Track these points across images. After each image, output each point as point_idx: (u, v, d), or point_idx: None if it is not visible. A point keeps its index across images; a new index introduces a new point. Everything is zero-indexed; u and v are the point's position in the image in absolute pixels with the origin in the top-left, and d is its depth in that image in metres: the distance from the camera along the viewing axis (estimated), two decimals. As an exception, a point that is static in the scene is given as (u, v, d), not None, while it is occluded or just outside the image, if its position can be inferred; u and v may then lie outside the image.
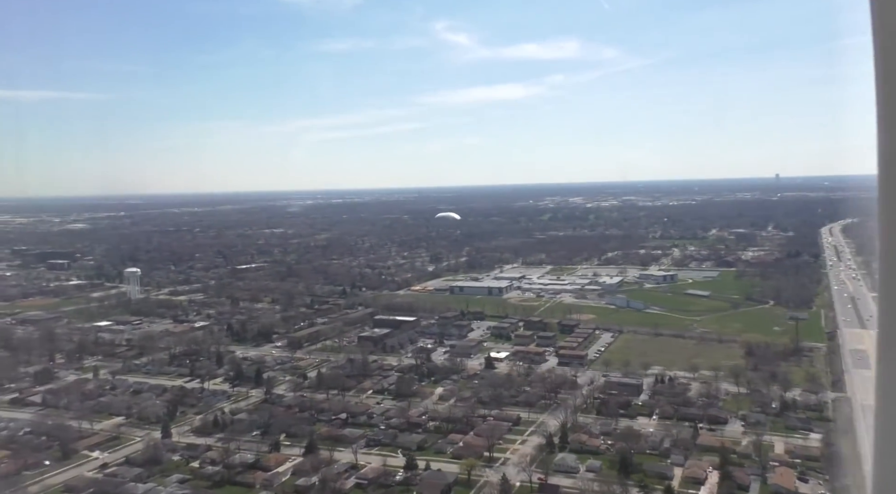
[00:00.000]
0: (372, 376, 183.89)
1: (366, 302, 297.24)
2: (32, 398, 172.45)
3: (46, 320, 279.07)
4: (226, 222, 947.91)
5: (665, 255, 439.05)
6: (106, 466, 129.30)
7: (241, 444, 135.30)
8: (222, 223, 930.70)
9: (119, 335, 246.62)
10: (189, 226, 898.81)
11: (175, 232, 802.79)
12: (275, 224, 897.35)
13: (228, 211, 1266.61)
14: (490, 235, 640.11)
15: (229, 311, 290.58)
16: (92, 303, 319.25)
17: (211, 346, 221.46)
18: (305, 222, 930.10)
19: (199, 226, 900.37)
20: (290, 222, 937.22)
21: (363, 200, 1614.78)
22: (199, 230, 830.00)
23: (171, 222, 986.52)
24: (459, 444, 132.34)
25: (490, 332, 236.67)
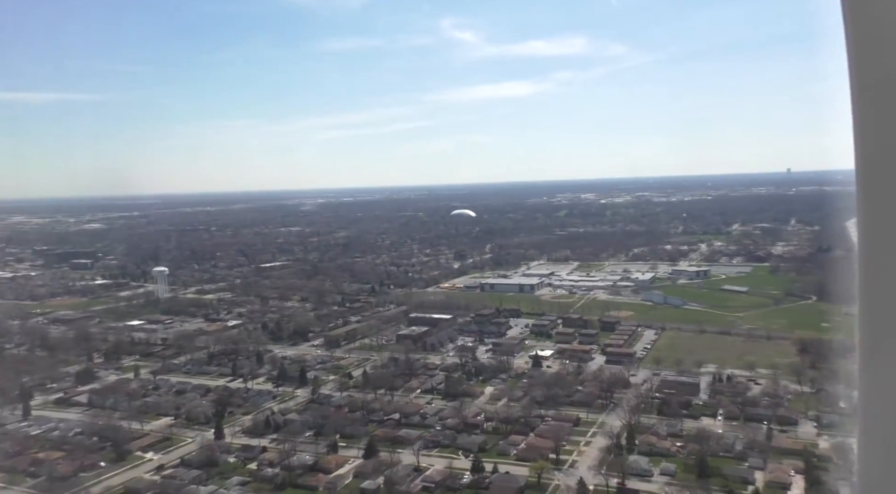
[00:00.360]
0: (417, 375, 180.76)
1: (397, 300, 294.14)
2: (77, 398, 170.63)
3: (78, 319, 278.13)
4: (241, 221, 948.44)
5: (692, 250, 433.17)
6: (162, 468, 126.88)
7: (296, 445, 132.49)
8: (238, 222, 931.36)
9: (153, 334, 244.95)
10: (205, 225, 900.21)
11: (192, 231, 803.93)
12: (290, 223, 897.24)
13: (241, 210, 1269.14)
14: (509, 232, 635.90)
15: (260, 309, 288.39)
16: (121, 302, 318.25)
17: (248, 345, 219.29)
18: (321, 220, 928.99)
19: (214, 225, 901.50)
20: (305, 220, 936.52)
21: (374, 198, 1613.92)
22: (215, 229, 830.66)
23: (187, 221, 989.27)
24: (521, 446, 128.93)
25: (529, 330, 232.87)
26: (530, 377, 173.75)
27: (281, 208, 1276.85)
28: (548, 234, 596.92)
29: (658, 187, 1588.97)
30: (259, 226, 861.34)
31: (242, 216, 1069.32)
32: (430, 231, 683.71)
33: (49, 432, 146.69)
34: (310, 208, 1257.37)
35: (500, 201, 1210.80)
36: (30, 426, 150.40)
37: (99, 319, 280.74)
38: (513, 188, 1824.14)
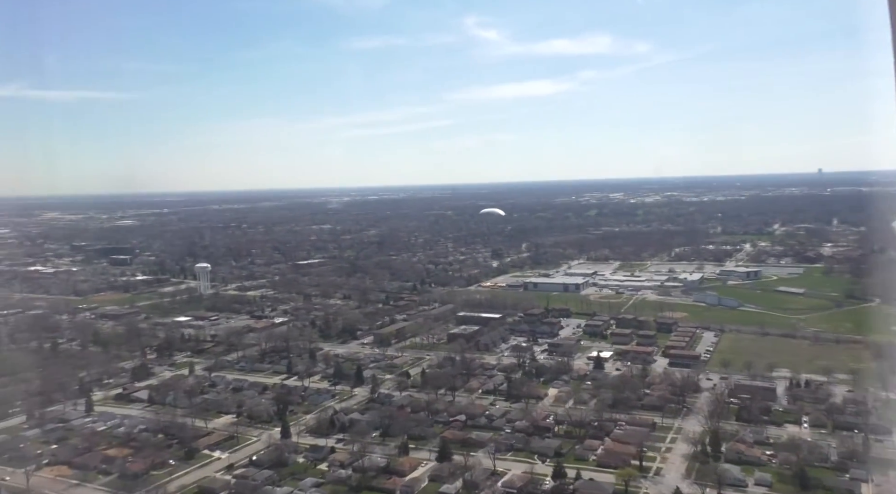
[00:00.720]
0: (476, 375, 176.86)
1: (441, 299, 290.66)
2: (137, 394, 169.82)
3: (125, 315, 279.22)
4: (271, 219, 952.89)
5: (736, 251, 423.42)
6: (232, 467, 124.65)
7: (364, 446, 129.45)
8: (268, 220, 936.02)
9: (201, 330, 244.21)
10: (236, 222, 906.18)
11: (224, 228, 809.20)
12: (320, 220, 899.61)
13: (269, 208, 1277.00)
14: (542, 230, 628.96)
15: (304, 307, 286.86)
16: (164, 299, 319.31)
17: (298, 342, 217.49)
18: (350, 218, 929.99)
19: (245, 222, 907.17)
20: (334, 218, 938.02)
21: (398, 196, 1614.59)
22: (247, 226, 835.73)
23: (217, 219, 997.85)
24: (598, 451, 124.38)
25: (582, 330, 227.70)
26: (594, 380, 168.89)
27: (308, 206, 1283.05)
28: (583, 233, 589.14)
29: (686, 187, 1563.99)
30: (290, 223, 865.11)
31: (271, 214, 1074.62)
32: (462, 229, 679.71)
33: (114, 428, 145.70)
34: (337, 206, 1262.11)
35: (526, 199, 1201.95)
36: (95, 422, 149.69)
37: (145, 315, 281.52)
38: (537, 187, 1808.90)
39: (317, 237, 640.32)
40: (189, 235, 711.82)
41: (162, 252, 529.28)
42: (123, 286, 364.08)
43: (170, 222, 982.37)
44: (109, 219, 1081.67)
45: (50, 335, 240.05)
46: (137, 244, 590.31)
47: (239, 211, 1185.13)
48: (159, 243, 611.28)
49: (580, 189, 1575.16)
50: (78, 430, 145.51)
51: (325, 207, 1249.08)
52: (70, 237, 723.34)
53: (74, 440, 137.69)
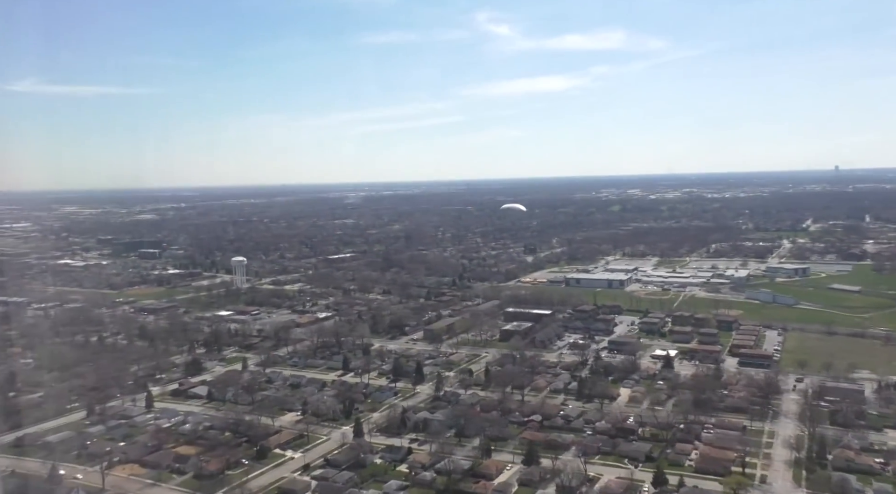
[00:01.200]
0: (540, 373, 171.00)
1: (483, 294, 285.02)
2: (194, 389, 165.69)
3: (164, 309, 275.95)
4: (291, 214, 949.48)
5: (775, 247, 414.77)
6: (308, 467, 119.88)
7: (443, 447, 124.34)
8: (288, 214, 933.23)
9: (245, 325, 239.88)
10: (256, 217, 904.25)
11: (246, 223, 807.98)
12: (341, 215, 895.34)
13: (286, 203, 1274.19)
14: (570, 226, 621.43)
15: (344, 301, 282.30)
16: (201, 292, 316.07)
17: (347, 338, 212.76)
18: (370, 213, 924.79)
19: (266, 216, 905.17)
20: (355, 213, 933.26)
21: (413, 192, 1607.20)
22: (268, 221, 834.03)
23: (236, 213, 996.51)
24: (691, 455, 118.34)
25: (638, 327, 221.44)
26: (665, 379, 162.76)
27: (325, 202, 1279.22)
28: (612, 229, 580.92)
29: (703, 184, 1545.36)
30: (311, 218, 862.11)
31: (290, 209, 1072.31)
32: (487, 224, 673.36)
33: (179, 425, 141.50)
34: (354, 201, 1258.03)
35: (543, 195, 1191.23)
36: (158, 419, 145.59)
37: (185, 309, 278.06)
38: (551, 183, 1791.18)
39: (342, 232, 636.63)
40: (212, 229, 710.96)
41: (190, 246, 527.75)
42: (157, 280, 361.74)
43: (189, 216, 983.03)
44: (128, 213, 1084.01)
45: (93, 328, 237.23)
46: (163, 238, 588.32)
47: (256, 206, 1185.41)
48: (184, 237, 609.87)
49: (595, 185, 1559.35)
50: (142, 427, 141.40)
51: (342, 202, 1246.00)
52: (94, 231, 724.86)
53: (141, 437, 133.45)
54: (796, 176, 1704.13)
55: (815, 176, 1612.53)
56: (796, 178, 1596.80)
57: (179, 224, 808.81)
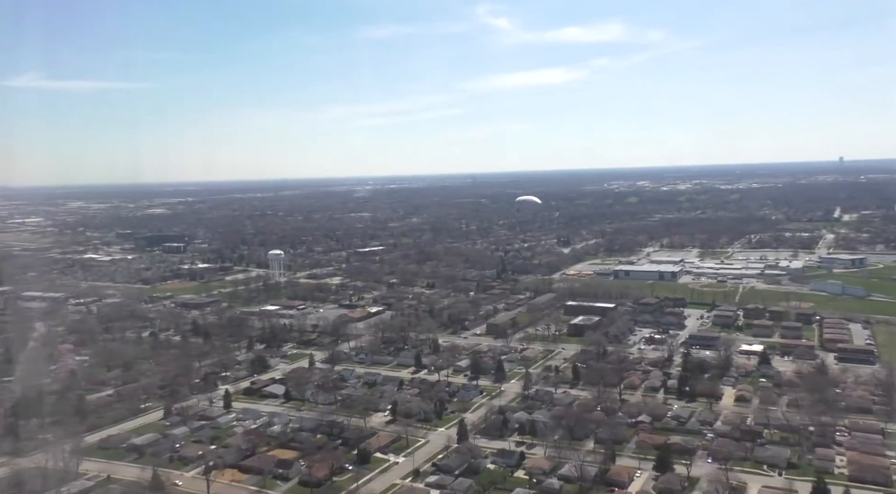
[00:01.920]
0: (628, 370, 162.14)
1: (533, 287, 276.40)
2: (268, 388, 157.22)
3: (207, 304, 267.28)
4: (303, 207, 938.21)
5: (817, 237, 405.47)
6: (419, 473, 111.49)
7: (558, 451, 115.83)
8: (301, 208, 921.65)
9: (298, 320, 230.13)
10: (271, 210, 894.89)
11: (261, 216, 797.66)
12: (355, 209, 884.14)
13: (294, 197, 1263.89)
14: (595, 218, 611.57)
15: (390, 295, 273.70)
16: (238, 287, 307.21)
17: (409, 333, 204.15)
18: (384, 206, 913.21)
19: (279, 210, 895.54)
20: (368, 206, 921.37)
21: (418, 185, 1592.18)
22: (283, 215, 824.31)
23: (247, 207, 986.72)
24: (836, 461, 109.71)
25: (710, 321, 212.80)
26: (767, 377, 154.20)
27: (334, 195, 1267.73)
28: (638, 220, 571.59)
29: (709, 176, 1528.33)
30: (326, 211, 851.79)
31: (301, 203, 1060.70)
32: (507, 217, 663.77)
33: (265, 426, 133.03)
34: (364, 195, 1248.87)
35: (553, 188, 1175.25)
36: (241, 420, 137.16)
37: (227, 303, 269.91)
38: (557, 176, 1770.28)
39: (362, 225, 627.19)
40: (230, 223, 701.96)
41: (213, 240, 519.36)
42: (189, 274, 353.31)
43: (201, 210, 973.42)
44: (137, 208, 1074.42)
45: (140, 324, 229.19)
46: (183, 233, 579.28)
47: (265, 200, 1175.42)
48: (204, 231, 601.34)
49: (600, 178, 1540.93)
50: (226, 428, 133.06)
51: (351, 196, 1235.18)
52: (109, 226, 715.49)
53: (231, 439, 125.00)
54: (800, 167, 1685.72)
55: (819, 167, 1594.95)
56: (801, 169, 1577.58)
57: (194, 218, 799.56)
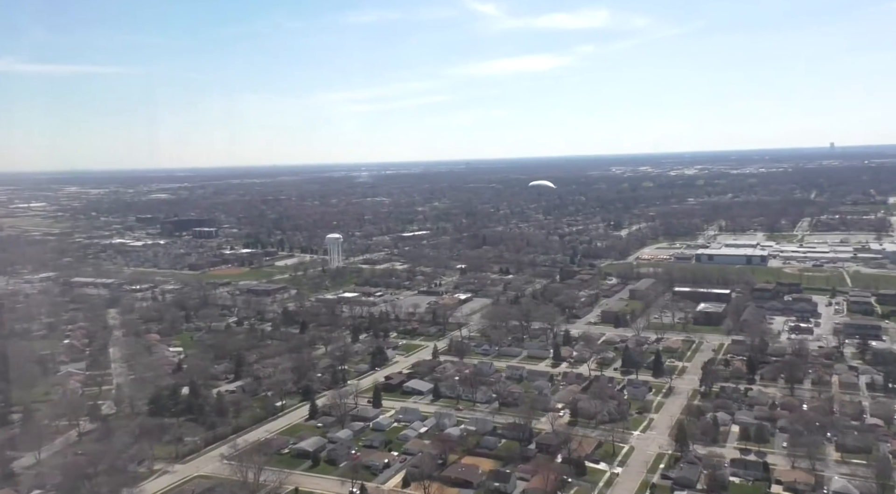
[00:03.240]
0: (812, 366, 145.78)
1: (620, 273, 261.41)
2: (409, 384, 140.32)
3: (275, 290, 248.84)
4: (311, 192, 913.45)
5: (885, 220, 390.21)
6: (654, 488, 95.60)
7: (812, 462, 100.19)
8: (310, 193, 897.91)
9: (389, 307, 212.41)
10: (284, 195, 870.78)
11: (276, 201, 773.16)
12: (370, 194, 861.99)
13: (294, 182, 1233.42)
14: (626, 201, 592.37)
15: (468, 281, 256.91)
16: (297, 272, 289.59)
17: (522, 321, 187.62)
18: (398, 191, 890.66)
19: (289, 195, 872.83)
20: (382, 191, 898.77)
21: (414, 171, 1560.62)
22: (296, 199, 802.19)
23: (253, 192, 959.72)
24: None
25: (844, 308, 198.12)
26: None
27: (334, 181, 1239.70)
28: (676, 204, 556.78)
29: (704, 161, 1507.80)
30: (339, 196, 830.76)
31: (306, 188, 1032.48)
32: (535, 201, 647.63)
33: (436, 429, 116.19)
34: (367, 181, 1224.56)
35: (552, 174, 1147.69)
36: (403, 421, 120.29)
37: (296, 289, 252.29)
38: (554, 162, 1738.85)
39: (387, 209, 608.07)
40: (246, 208, 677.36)
41: (241, 225, 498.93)
42: (236, 260, 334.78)
43: (205, 195, 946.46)
44: (137, 193, 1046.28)
45: (217, 311, 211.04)
46: (206, 217, 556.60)
47: (266, 185, 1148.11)
48: (223, 216, 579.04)
49: (594, 164, 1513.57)
50: (392, 431, 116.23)
51: (353, 181, 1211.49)
52: (121, 210, 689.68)
53: (409, 445, 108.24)
54: (793, 153, 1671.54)
55: (811, 153, 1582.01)
56: (793, 155, 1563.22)
57: (206, 203, 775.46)
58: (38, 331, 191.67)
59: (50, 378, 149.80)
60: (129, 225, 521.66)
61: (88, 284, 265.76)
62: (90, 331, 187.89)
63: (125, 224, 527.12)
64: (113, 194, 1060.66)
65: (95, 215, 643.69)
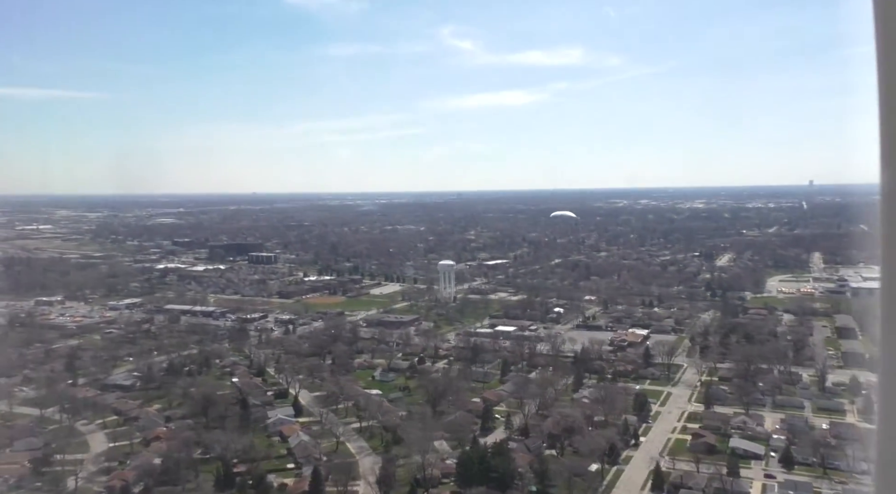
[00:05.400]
0: None
1: (789, 309, 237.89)
2: (735, 444, 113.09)
3: (406, 323, 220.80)
4: (328, 220, 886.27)
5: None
6: None
7: None
8: (331, 220, 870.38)
9: (544, 343, 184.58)
10: (307, 222, 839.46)
11: (300, 227, 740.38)
12: (388, 222, 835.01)
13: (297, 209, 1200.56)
14: (680, 233, 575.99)
15: (624, 314, 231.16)
16: (401, 301, 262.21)
17: (759, 364, 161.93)
18: (416, 220, 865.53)
19: (314, 222, 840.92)
20: (397, 220, 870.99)
21: (403, 201, 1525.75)
22: (320, 226, 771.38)
23: (265, 218, 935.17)
24: None
25: None
26: None
27: (337, 209, 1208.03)
28: (736, 236, 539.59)
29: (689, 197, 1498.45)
30: (366, 224, 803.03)
31: (315, 215, 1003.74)
32: (573, 231, 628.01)
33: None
34: (371, 209, 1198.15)
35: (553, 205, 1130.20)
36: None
37: (432, 322, 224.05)
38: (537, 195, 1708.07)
39: (435, 238, 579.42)
40: (278, 234, 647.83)
41: (291, 251, 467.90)
42: (323, 287, 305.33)
43: (216, 221, 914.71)
44: (139, 217, 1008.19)
45: (377, 345, 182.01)
46: (255, 242, 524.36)
47: (270, 212, 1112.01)
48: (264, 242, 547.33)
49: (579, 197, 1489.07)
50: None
51: (358, 209, 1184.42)
52: (138, 234, 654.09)
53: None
54: (776, 190, 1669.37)
55: (790, 191, 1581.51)
56: (772, 192, 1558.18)
57: (228, 228, 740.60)
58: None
59: (262, 426, 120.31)
60: (168, 249, 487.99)
61: (186, 312, 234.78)
62: (254, 369, 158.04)
63: (164, 248, 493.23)
64: (113, 218, 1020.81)
65: (121, 238, 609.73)
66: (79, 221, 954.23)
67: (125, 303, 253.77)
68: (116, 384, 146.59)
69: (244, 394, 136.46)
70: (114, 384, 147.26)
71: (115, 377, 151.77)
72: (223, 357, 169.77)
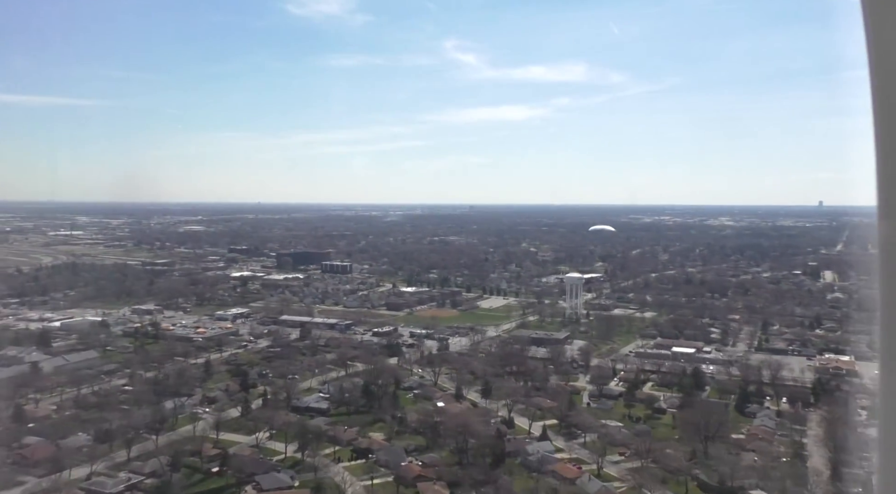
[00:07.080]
0: None
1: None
2: None
3: (552, 341, 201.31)
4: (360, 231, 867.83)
5: None
6: None
7: None
8: (365, 232, 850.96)
9: (740, 369, 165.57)
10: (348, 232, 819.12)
11: (341, 237, 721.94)
12: (442, 233, 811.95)
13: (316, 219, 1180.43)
14: (732, 250, 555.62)
15: (791, 337, 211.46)
16: (537, 316, 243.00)
17: None
18: (455, 231, 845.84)
19: (343, 231, 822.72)
20: (450, 231, 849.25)
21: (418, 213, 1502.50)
22: (361, 237, 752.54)
23: (293, 227, 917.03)
24: None
25: None
26: None
27: (359, 219, 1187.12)
28: (810, 254, 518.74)
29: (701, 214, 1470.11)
30: (407, 235, 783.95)
31: (343, 225, 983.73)
32: (624, 245, 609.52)
33: None
34: (395, 220, 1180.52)
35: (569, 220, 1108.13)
36: None
37: (585, 341, 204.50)
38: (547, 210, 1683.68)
39: (496, 250, 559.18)
40: (327, 242, 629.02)
41: (356, 260, 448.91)
42: (430, 299, 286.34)
43: (246, 229, 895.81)
44: (165, 224, 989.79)
45: (572, 367, 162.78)
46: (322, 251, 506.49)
47: (292, 221, 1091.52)
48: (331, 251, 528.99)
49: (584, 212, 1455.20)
50: None
51: (383, 220, 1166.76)
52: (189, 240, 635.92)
53: None
54: (786, 210, 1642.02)
55: (798, 211, 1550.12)
56: (782, 212, 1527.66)
57: (263, 236, 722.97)
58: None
59: (523, 461, 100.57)
60: (228, 257, 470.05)
61: (304, 323, 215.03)
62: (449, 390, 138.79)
63: (222, 256, 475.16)
64: (138, 225, 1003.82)
65: (169, 244, 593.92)
66: (105, 227, 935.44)
67: (232, 313, 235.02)
68: (310, 408, 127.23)
69: (469, 421, 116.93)
70: (306, 406, 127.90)
71: (305, 398, 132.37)
72: (400, 376, 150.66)
